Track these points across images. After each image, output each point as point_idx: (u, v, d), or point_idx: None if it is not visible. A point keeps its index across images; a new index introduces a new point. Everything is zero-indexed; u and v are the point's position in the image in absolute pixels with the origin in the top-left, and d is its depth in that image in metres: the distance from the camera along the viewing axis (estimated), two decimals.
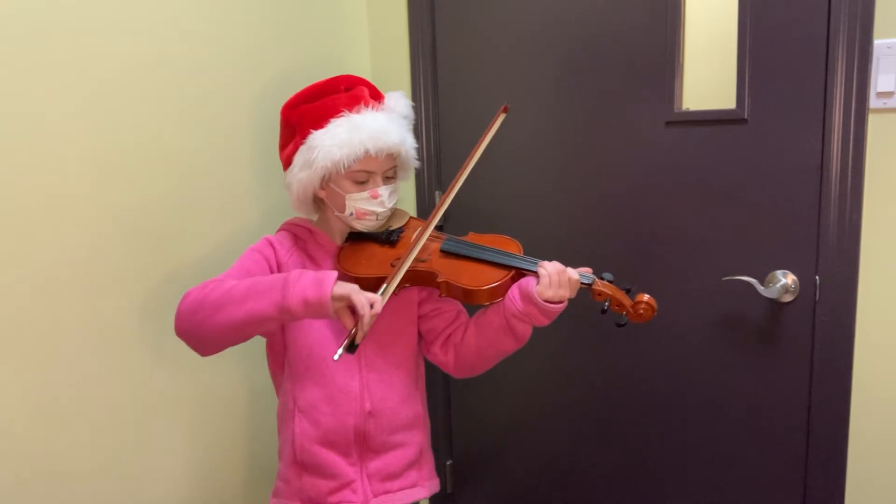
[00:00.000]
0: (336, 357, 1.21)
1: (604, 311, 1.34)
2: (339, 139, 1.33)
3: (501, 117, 1.41)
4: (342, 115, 1.36)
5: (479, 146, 1.39)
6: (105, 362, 1.39)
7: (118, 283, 1.41)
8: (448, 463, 2.10)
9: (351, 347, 1.22)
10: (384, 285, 1.28)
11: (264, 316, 1.22)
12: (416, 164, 1.49)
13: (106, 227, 1.38)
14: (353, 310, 1.21)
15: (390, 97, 1.44)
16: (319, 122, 1.36)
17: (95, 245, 1.36)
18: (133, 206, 1.42)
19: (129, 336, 1.43)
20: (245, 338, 1.29)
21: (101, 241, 1.37)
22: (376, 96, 1.43)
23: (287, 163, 1.42)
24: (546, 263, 1.32)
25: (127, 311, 1.43)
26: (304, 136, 1.37)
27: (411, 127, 1.47)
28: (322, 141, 1.34)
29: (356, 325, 1.21)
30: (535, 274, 1.32)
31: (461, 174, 1.38)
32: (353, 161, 1.34)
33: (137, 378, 1.45)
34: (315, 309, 1.20)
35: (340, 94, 1.39)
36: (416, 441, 1.47)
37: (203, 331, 1.26)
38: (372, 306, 1.21)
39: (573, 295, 1.33)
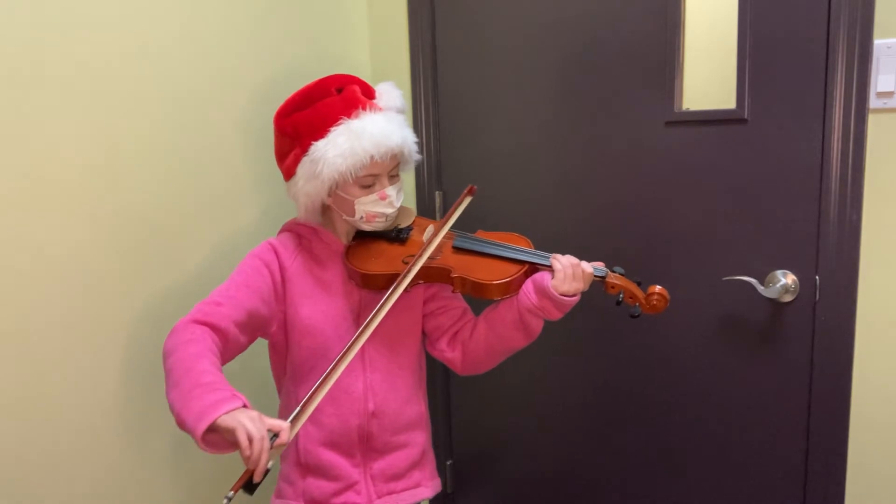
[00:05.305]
0: (225, 501, 1.04)
1: (618, 303, 1.36)
2: (342, 149, 1.31)
3: (467, 200, 1.44)
4: (341, 123, 1.34)
5: (446, 224, 1.40)
6: (102, 363, 1.39)
7: (114, 286, 1.40)
8: (448, 463, 2.10)
9: (248, 487, 1.06)
10: (299, 408, 1.19)
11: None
12: (418, 157, 1.47)
13: (100, 232, 1.37)
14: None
15: (382, 92, 1.42)
16: (318, 131, 1.34)
17: (90, 249, 1.35)
18: (128, 208, 1.41)
19: (127, 336, 1.43)
20: None
21: (95, 245, 1.36)
22: (368, 93, 1.41)
23: (288, 174, 1.40)
24: (559, 256, 1.33)
25: (122, 312, 1.42)
26: (305, 147, 1.35)
27: (407, 119, 1.45)
28: (325, 153, 1.32)
29: (249, 461, 1.05)
30: (549, 268, 1.33)
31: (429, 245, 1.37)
32: (360, 169, 1.33)
33: (135, 377, 1.45)
34: (191, 435, 1.07)
35: (333, 98, 1.37)
36: (419, 441, 1.47)
37: None
38: (278, 435, 1.09)
39: (586, 288, 1.33)
